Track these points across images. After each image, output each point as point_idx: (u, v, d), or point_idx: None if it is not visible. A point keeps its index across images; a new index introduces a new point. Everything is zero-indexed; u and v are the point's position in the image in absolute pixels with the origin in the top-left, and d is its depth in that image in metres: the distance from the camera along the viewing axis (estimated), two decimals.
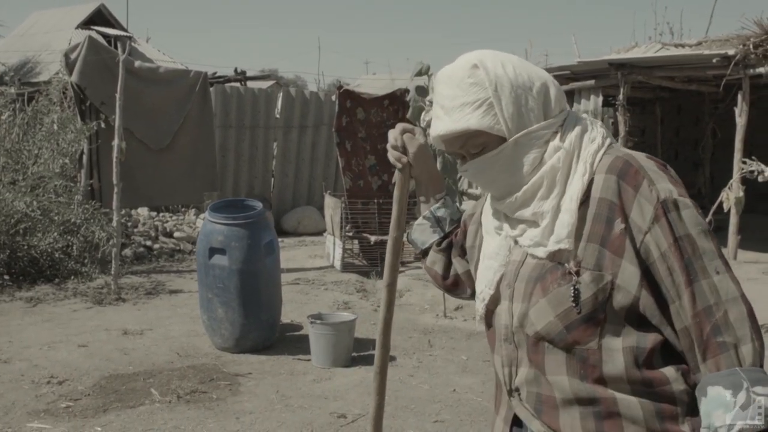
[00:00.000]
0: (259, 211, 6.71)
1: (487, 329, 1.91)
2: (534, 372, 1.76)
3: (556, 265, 1.72)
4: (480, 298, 1.88)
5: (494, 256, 1.87)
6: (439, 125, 1.78)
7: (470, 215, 2.10)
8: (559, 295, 1.70)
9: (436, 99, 1.81)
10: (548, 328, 1.72)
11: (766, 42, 11.34)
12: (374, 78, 34.78)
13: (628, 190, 1.67)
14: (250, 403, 5.41)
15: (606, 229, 1.68)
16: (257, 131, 14.12)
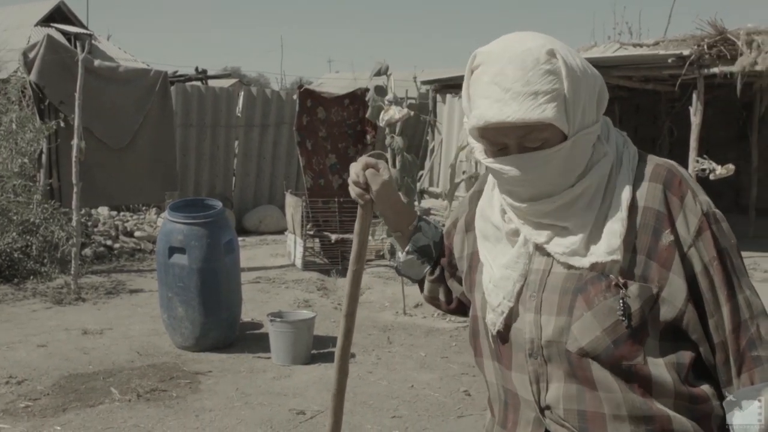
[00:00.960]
0: (219, 210, 6.75)
1: (501, 344, 1.74)
2: (576, 387, 1.64)
3: (599, 276, 1.62)
4: (498, 311, 1.72)
5: (512, 265, 1.71)
6: (505, 110, 1.54)
7: (452, 225, 1.98)
8: (606, 308, 1.60)
9: (492, 78, 1.56)
10: (595, 344, 1.61)
11: (720, 43, 11.55)
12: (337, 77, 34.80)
13: (674, 200, 1.64)
14: (209, 401, 5.46)
15: (653, 239, 1.63)
16: (218, 130, 14.10)
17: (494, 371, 1.78)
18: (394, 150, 7.15)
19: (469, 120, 1.64)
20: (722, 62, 11.49)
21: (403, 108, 7.17)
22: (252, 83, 37.15)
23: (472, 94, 1.62)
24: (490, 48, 1.62)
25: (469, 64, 1.64)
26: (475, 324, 1.83)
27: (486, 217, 1.80)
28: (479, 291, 1.80)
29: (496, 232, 1.77)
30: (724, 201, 16.46)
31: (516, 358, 1.71)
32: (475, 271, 1.84)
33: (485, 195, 1.85)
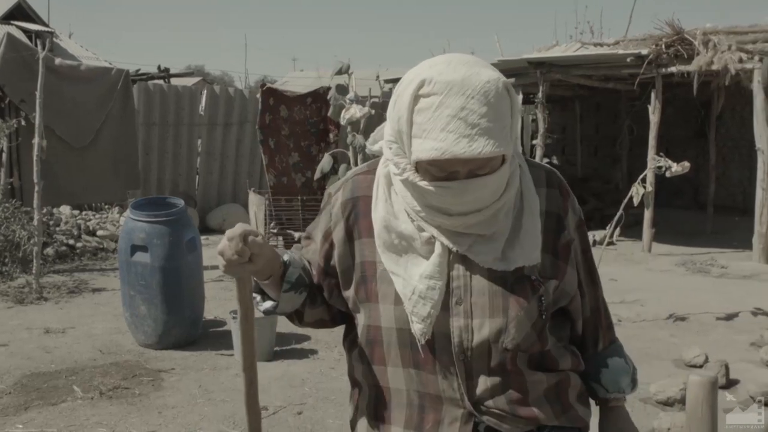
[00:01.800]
0: (181, 208, 6.77)
1: (424, 351, 1.79)
2: (502, 378, 1.79)
3: (521, 277, 1.77)
4: (427, 321, 1.74)
5: (436, 275, 1.75)
6: (474, 146, 1.58)
7: (324, 239, 1.93)
8: (533, 306, 1.77)
9: (455, 113, 1.59)
10: (527, 339, 1.78)
11: (678, 42, 11.77)
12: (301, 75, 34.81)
13: (565, 203, 1.89)
14: (172, 398, 5.49)
15: (554, 239, 1.84)
16: (181, 129, 14.07)
17: (406, 378, 1.83)
18: (355, 148, 7.20)
19: (421, 150, 1.63)
20: (680, 61, 11.71)
21: (364, 106, 7.23)
22: (216, 82, 37.05)
23: (421, 122, 1.63)
24: (443, 76, 1.62)
25: (414, 90, 1.64)
26: (376, 334, 1.84)
27: (391, 228, 1.79)
28: (387, 302, 1.81)
29: (403, 243, 1.78)
30: (683, 198, 16.80)
31: (440, 362, 1.78)
32: (373, 281, 1.84)
33: (380, 205, 1.82)
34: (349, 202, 1.90)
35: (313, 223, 2.01)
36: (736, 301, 8.49)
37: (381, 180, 1.84)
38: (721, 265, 11.05)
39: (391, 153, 1.75)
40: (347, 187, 1.93)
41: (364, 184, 1.90)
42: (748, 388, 5.55)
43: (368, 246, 1.85)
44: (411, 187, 1.73)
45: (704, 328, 7.53)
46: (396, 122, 1.70)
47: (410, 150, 1.67)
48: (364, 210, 1.87)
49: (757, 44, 11.45)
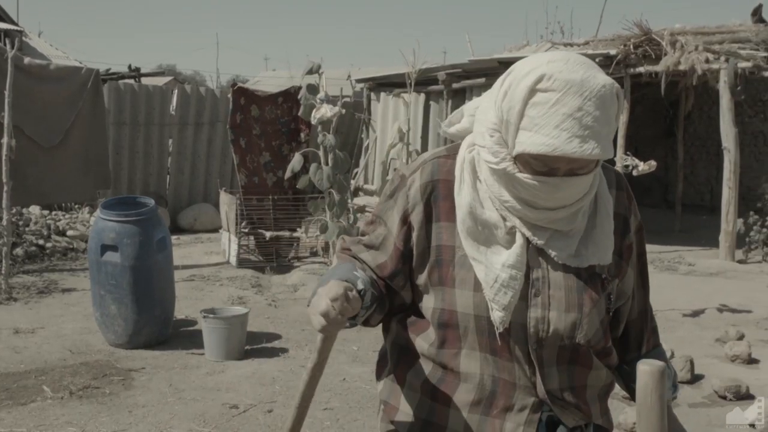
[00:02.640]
0: (151, 208, 6.77)
1: (501, 338, 1.81)
2: (569, 369, 1.85)
3: (593, 275, 1.83)
4: (509, 309, 1.77)
5: (518, 265, 1.78)
6: (585, 147, 1.62)
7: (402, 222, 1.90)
8: (602, 304, 1.85)
9: (571, 112, 1.62)
10: (597, 335, 1.85)
11: (646, 43, 11.87)
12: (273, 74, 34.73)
13: (629, 205, 1.96)
14: (143, 397, 5.50)
15: (621, 240, 1.90)
16: (152, 128, 14.02)
17: (482, 362, 1.83)
18: (326, 148, 7.24)
19: (530, 144, 1.65)
20: (648, 62, 11.82)
21: (335, 106, 7.26)
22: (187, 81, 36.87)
23: (534, 116, 1.65)
24: (563, 74, 1.64)
25: (531, 83, 1.65)
26: (451, 318, 1.84)
27: (476, 215, 1.81)
28: (465, 288, 1.82)
29: (485, 231, 1.80)
30: (652, 197, 16.97)
31: (516, 351, 1.81)
32: (450, 266, 1.85)
33: (466, 190, 1.83)
34: (429, 185, 1.89)
35: (381, 206, 1.97)
36: (702, 298, 8.61)
37: (466, 165, 1.85)
38: (689, 263, 11.18)
39: (491, 141, 1.75)
40: (426, 170, 1.91)
41: (444, 168, 1.90)
42: (713, 382, 5.65)
43: (446, 230, 1.86)
44: (505, 178, 1.75)
45: (671, 324, 7.63)
46: (505, 112, 1.70)
47: (515, 141, 1.69)
48: (444, 194, 1.87)
49: (724, 45, 11.58)
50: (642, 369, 1.34)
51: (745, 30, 12.23)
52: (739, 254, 11.35)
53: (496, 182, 1.77)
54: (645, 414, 1.34)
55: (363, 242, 1.98)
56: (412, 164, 1.96)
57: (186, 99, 14.46)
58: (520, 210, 1.76)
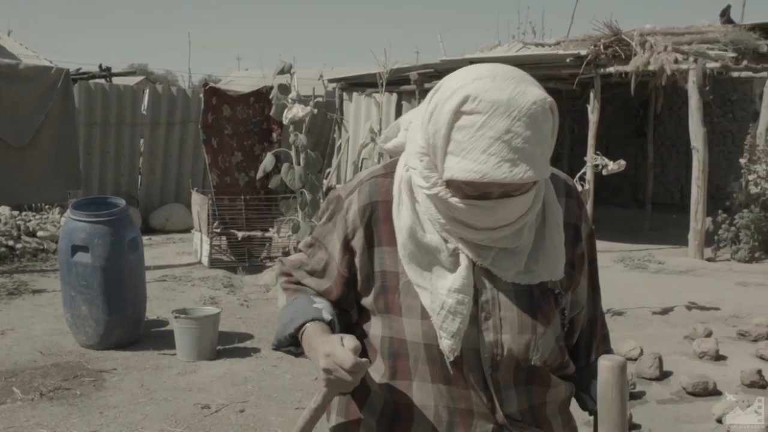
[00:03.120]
0: (122, 208, 6.74)
1: (454, 367, 1.72)
2: (528, 389, 1.77)
3: (546, 291, 1.74)
4: (457, 337, 1.68)
5: (465, 289, 1.68)
6: (516, 171, 1.52)
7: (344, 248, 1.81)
8: (556, 321, 1.77)
9: (498, 135, 1.52)
10: (552, 354, 1.78)
11: (616, 43, 11.97)
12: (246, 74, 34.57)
13: (581, 213, 1.86)
14: (114, 398, 5.48)
15: (572, 250, 1.81)
16: (123, 128, 13.94)
17: (435, 393, 1.75)
18: (298, 148, 7.24)
19: (458, 170, 1.56)
20: (618, 62, 11.92)
21: (306, 106, 7.27)
22: (159, 81, 36.66)
23: (460, 140, 1.54)
24: (488, 94, 1.53)
25: (455, 105, 1.55)
26: (401, 347, 1.76)
27: (417, 238, 1.71)
28: (412, 316, 1.73)
29: (428, 256, 1.71)
30: (623, 196, 17.11)
31: (471, 378, 1.72)
32: (395, 293, 1.76)
33: (405, 212, 1.73)
34: (367, 207, 1.79)
35: (320, 229, 1.88)
36: (671, 296, 8.70)
37: (403, 186, 1.74)
38: (658, 261, 11.29)
39: (421, 165, 1.66)
40: (363, 191, 1.81)
41: (382, 188, 1.80)
42: (681, 379, 5.72)
43: (388, 255, 1.76)
44: (438, 202, 1.66)
45: (640, 322, 7.71)
46: (431, 136, 1.60)
47: (444, 166, 1.58)
48: (384, 216, 1.77)
49: (693, 45, 11.70)
50: (603, 364, 1.37)
51: (714, 31, 12.36)
52: (708, 252, 11.47)
53: (432, 205, 1.68)
54: (606, 408, 1.37)
55: (305, 269, 1.90)
56: (349, 184, 1.87)
57: (157, 99, 14.40)
58: (459, 231, 1.67)
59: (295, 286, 1.92)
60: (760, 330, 7.02)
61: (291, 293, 1.92)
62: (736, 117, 16.39)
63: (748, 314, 7.83)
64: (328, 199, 1.88)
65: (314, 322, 1.77)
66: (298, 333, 1.80)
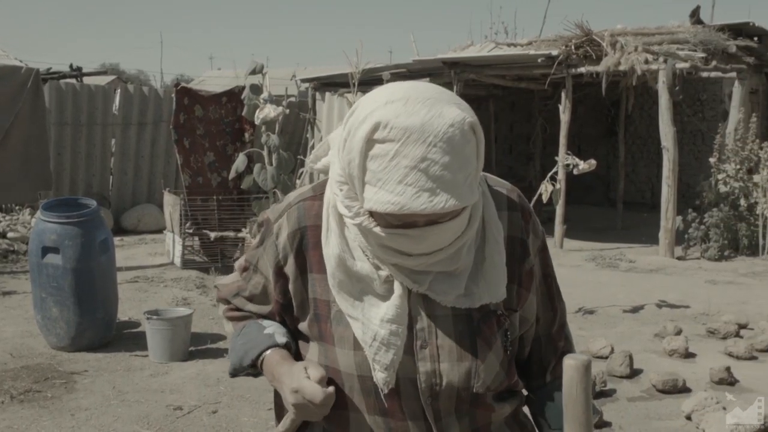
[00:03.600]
0: (94, 209, 6.71)
1: (391, 398, 1.64)
2: (468, 418, 1.68)
3: (487, 314, 1.64)
4: (391, 369, 1.60)
5: (398, 319, 1.59)
6: (436, 201, 1.41)
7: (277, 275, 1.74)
8: (499, 344, 1.66)
9: (414, 164, 1.41)
10: (497, 379, 1.67)
11: (587, 43, 12.07)
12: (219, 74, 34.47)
13: (527, 225, 1.73)
14: (85, 400, 5.45)
15: (519, 266, 1.70)
16: (94, 128, 13.86)
17: (372, 425, 1.67)
18: (270, 148, 7.23)
19: (375, 202, 1.44)
20: (589, 62, 12.02)
21: (279, 106, 7.25)
22: (131, 80, 36.47)
23: (375, 170, 1.43)
24: (400, 120, 1.42)
25: (367, 133, 1.44)
26: (336, 377, 1.67)
27: (346, 267, 1.61)
28: (345, 347, 1.65)
29: (359, 285, 1.62)
30: (594, 195, 17.23)
31: (409, 408, 1.64)
32: (327, 322, 1.67)
33: (333, 240, 1.64)
34: (297, 233, 1.69)
35: (253, 252, 1.79)
36: (642, 294, 8.78)
37: (332, 210, 1.63)
38: (630, 260, 11.38)
39: (342, 194, 1.56)
40: (292, 216, 1.71)
41: (311, 211, 1.70)
42: (651, 377, 5.77)
43: (319, 282, 1.68)
44: (365, 231, 1.55)
45: (611, 320, 7.77)
46: (347, 165, 1.50)
47: (363, 196, 1.47)
48: (314, 242, 1.68)
49: (663, 45, 11.82)
50: (567, 363, 1.38)
51: (684, 31, 12.49)
52: (678, 251, 11.58)
53: (360, 232, 1.58)
54: (571, 407, 1.39)
55: (243, 295, 1.84)
56: (277, 206, 1.77)
57: (129, 99, 14.33)
58: (392, 259, 1.56)
59: (239, 314, 1.87)
60: (728, 328, 7.11)
61: (236, 322, 1.87)
62: (706, 117, 16.56)
63: (718, 312, 7.92)
64: (258, 221, 1.80)
65: (272, 350, 1.73)
66: (256, 363, 1.76)
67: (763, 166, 11.40)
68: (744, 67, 12.59)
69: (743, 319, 7.44)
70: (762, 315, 7.66)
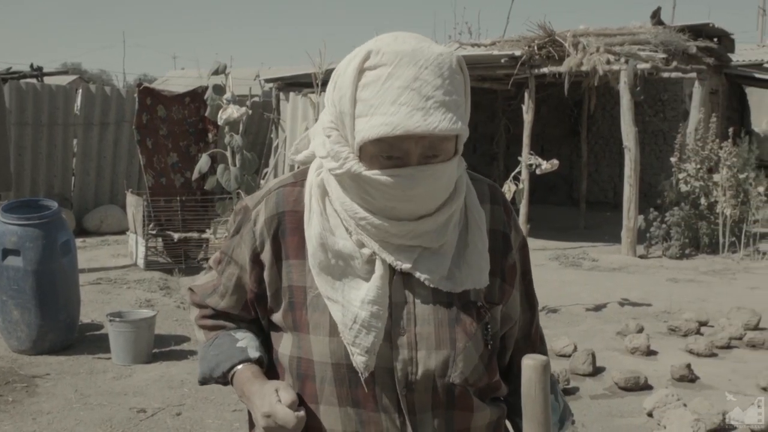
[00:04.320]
0: (55, 210, 6.64)
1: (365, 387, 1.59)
2: (448, 413, 1.62)
3: (467, 303, 1.62)
4: (372, 353, 1.56)
5: (380, 299, 1.57)
6: (430, 120, 1.43)
7: (253, 262, 1.70)
8: (479, 336, 1.62)
9: (407, 84, 1.43)
10: (474, 372, 1.63)
11: (549, 44, 12.16)
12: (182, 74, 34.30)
13: (509, 221, 1.73)
14: (47, 404, 5.40)
15: (502, 260, 1.69)
16: (56, 129, 13.72)
17: (343, 418, 1.62)
18: (233, 148, 7.21)
19: (369, 128, 1.45)
20: (551, 62, 12.11)
21: (242, 107, 7.24)
22: (93, 80, 36.13)
23: (368, 98, 1.46)
24: (391, 47, 1.47)
25: (358, 63, 1.48)
26: (308, 368, 1.64)
27: (327, 245, 1.59)
28: (320, 333, 1.61)
29: (340, 263, 1.59)
30: (558, 194, 17.37)
31: (383, 399, 1.60)
32: (302, 309, 1.64)
33: (315, 219, 1.62)
34: (274, 219, 1.67)
35: (229, 242, 1.76)
36: (604, 293, 8.87)
37: (314, 190, 1.63)
38: (592, 259, 11.48)
39: (329, 142, 1.55)
40: (270, 201, 1.69)
41: (290, 197, 1.68)
42: (613, 374, 5.84)
43: (296, 268, 1.65)
44: (354, 185, 1.54)
45: (575, 319, 7.84)
46: (337, 103, 1.51)
47: (354, 133, 1.48)
48: (292, 227, 1.65)
49: (624, 46, 11.95)
50: (526, 363, 1.40)
51: (645, 32, 12.64)
52: (640, 249, 11.71)
53: (347, 197, 1.57)
54: (529, 406, 1.41)
55: (218, 292, 1.79)
56: (256, 194, 1.76)
57: (91, 99, 14.20)
58: (379, 226, 1.54)
59: (211, 322, 1.82)
60: (689, 325, 7.20)
61: (208, 331, 1.83)
62: (667, 117, 16.75)
63: (679, 310, 8.02)
64: (236, 210, 1.77)
65: (243, 365, 1.71)
66: (227, 376, 1.74)
67: (723, 165, 11.57)
68: (704, 68, 12.76)
69: (704, 316, 7.54)
70: (722, 312, 7.76)
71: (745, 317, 7.35)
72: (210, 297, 1.81)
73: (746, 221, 11.78)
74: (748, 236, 11.66)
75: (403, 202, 1.51)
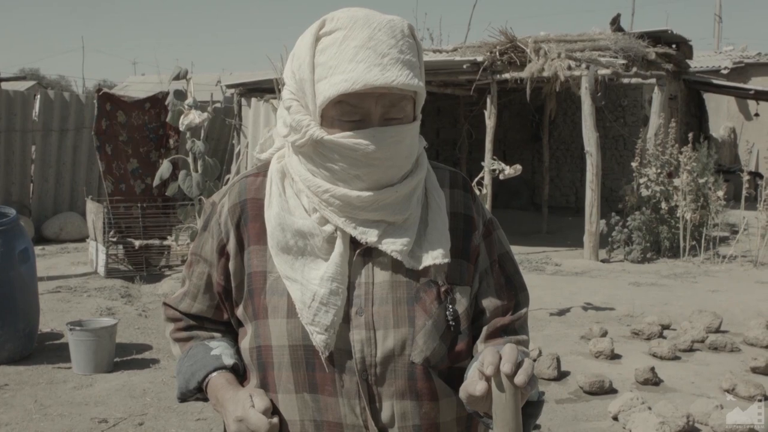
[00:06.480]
0: (12, 218, 6.53)
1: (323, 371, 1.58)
2: (411, 402, 1.59)
3: (428, 282, 1.60)
4: (331, 332, 1.54)
5: (339, 276, 1.56)
6: (387, 74, 1.47)
7: (220, 254, 1.70)
8: (441, 315, 1.60)
9: (363, 43, 1.48)
10: (436, 353, 1.59)
11: (511, 50, 12.21)
12: (142, 79, 34.03)
13: (473, 205, 1.71)
14: (6, 415, 5.30)
15: (464, 242, 1.67)
16: (13, 135, 13.52)
17: (300, 405, 1.60)
18: (195, 154, 7.14)
19: (329, 87, 1.48)
20: (513, 68, 12.17)
21: (203, 112, 7.18)
22: (52, 86, 35.72)
23: (325, 61, 1.50)
24: (346, 14, 1.52)
25: (314, 31, 1.53)
26: (267, 356, 1.62)
27: (286, 225, 1.58)
28: (277, 316, 1.60)
29: (299, 243, 1.58)
30: (520, 199, 17.45)
31: (341, 383, 1.57)
32: (261, 294, 1.63)
33: (274, 201, 1.62)
34: (237, 207, 1.68)
35: (198, 241, 1.76)
36: (568, 297, 8.90)
37: (275, 176, 1.65)
38: (555, 263, 11.53)
39: (290, 114, 1.57)
40: (234, 191, 1.71)
41: (252, 186, 1.70)
42: (578, 378, 5.85)
43: (256, 254, 1.64)
44: (316, 154, 1.55)
45: (539, 323, 7.86)
46: (297, 71, 1.55)
47: (314, 98, 1.51)
48: (253, 214, 1.66)
49: (585, 52, 12.04)
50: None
51: (605, 38, 12.75)
52: (602, 254, 11.79)
53: (309, 172, 1.58)
54: (500, 412, 1.38)
55: (189, 295, 1.79)
56: (222, 189, 1.78)
57: (49, 104, 14.02)
58: (342, 197, 1.54)
59: (185, 334, 1.81)
60: (652, 329, 7.25)
61: (183, 343, 1.81)
62: (628, 122, 16.91)
63: (641, 313, 8.08)
64: (204, 207, 1.81)
65: (218, 372, 1.69)
66: (202, 385, 1.71)
67: (683, 170, 11.68)
68: (663, 74, 12.90)
69: (666, 320, 7.60)
70: (684, 315, 7.83)
71: (707, 320, 7.42)
72: (182, 302, 1.80)
73: (706, 225, 11.91)
74: (708, 240, 11.79)
75: (366, 167, 1.52)
